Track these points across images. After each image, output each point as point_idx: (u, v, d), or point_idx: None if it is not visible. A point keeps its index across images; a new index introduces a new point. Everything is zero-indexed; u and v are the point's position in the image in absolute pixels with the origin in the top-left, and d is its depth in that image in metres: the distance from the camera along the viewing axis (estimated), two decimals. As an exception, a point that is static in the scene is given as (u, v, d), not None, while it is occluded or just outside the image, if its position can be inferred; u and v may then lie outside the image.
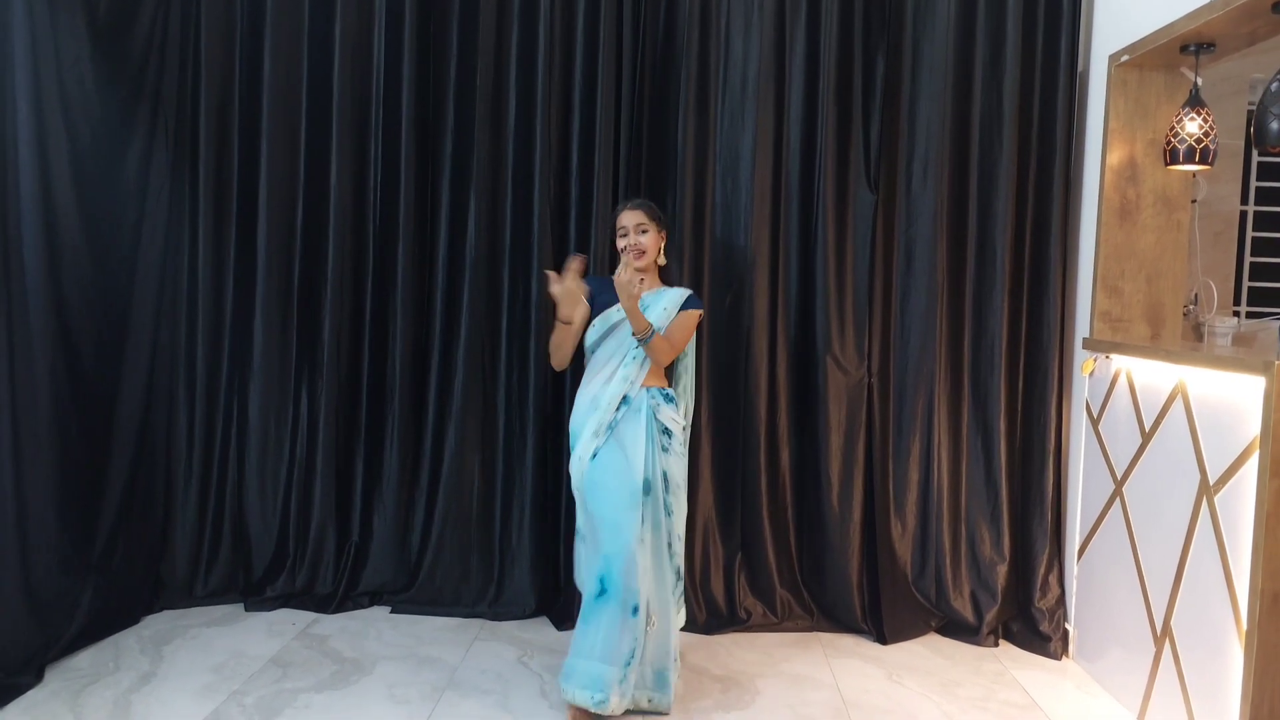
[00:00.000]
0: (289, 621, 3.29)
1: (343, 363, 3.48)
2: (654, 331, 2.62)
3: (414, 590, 3.46)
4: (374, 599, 3.49)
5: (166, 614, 3.31)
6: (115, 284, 3.19)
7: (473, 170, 3.41)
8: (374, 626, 3.29)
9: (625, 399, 2.66)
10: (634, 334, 2.62)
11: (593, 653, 2.55)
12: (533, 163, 3.40)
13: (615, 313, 2.72)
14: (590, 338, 2.77)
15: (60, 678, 2.75)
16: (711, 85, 3.37)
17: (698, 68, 3.35)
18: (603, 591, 2.57)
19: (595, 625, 2.56)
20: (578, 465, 2.67)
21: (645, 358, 2.69)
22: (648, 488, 2.61)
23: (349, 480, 3.52)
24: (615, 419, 2.65)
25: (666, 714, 2.68)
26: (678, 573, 2.71)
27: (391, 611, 3.42)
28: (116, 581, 3.14)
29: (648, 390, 2.70)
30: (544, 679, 2.90)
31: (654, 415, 2.67)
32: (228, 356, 3.48)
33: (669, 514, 2.67)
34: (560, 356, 2.80)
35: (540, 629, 3.32)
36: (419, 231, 3.47)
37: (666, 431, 2.69)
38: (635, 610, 2.55)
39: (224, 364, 3.48)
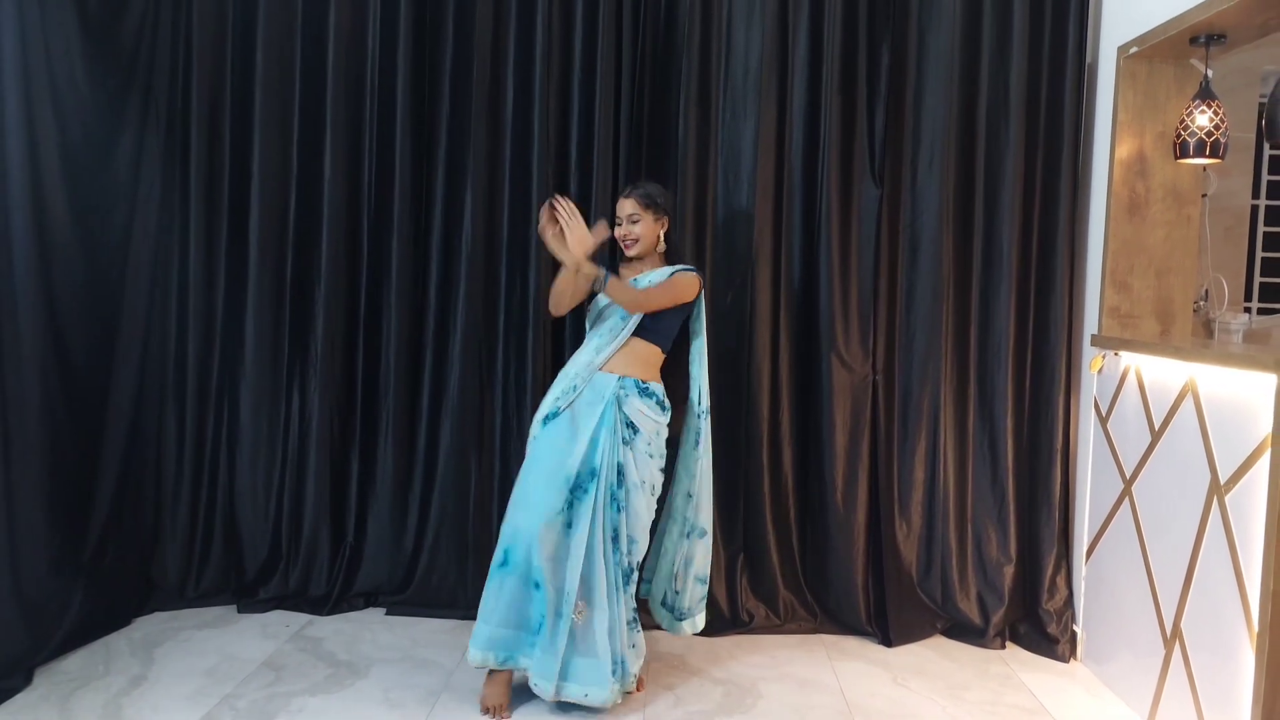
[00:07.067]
0: (282, 623, 3.27)
1: (336, 360, 3.44)
2: (608, 276, 2.62)
3: (410, 592, 3.43)
4: (369, 601, 3.45)
5: (157, 616, 3.28)
6: (106, 280, 3.14)
7: (469, 163, 3.37)
8: (369, 629, 3.27)
9: (592, 370, 2.69)
10: (591, 284, 2.66)
11: (491, 618, 2.62)
12: (530, 155, 3.36)
13: (603, 298, 2.77)
14: (587, 324, 2.85)
15: (49, 681, 2.73)
16: (713, 76, 3.33)
17: (699, 58, 3.31)
18: (505, 562, 2.62)
19: (498, 593, 2.62)
20: (534, 426, 2.74)
21: (619, 329, 2.71)
22: (593, 474, 2.61)
23: (343, 479, 3.48)
24: (577, 387, 2.68)
25: (603, 709, 2.65)
26: (627, 573, 2.67)
27: (387, 613, 3.39)
28: (107, 583, 3.10)
29: (620, 378, 2.70)
30: (542, 683, 2.88)
31: (619, 404, 2.67)
32: (219, 353, 3.43)
33: (619, 509, 2.64)
34: (556, 302, 2.81)
35: (538, 631, 3.30)
36: (414, 225, 3.44)
37: (631, 425, 2.67)
38: (539, 585, 2.59)
39: (215, 361, 3.44)
